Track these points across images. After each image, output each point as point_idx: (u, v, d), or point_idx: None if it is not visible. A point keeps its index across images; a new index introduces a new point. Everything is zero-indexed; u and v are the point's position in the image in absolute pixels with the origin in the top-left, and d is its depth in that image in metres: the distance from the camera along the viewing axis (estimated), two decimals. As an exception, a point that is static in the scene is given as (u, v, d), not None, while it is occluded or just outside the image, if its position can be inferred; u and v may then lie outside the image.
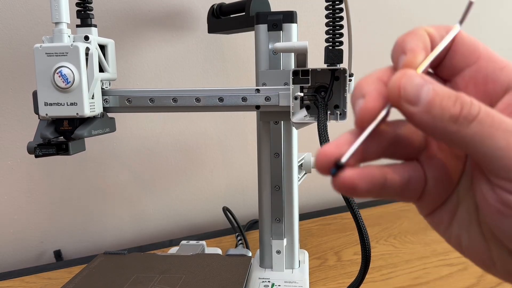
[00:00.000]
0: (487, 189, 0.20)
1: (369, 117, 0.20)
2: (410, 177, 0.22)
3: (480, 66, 0.22)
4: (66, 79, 0.46)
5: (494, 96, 0.21)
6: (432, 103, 0.19)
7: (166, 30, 0.77)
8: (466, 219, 0.23)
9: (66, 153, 0.49)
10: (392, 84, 0.20)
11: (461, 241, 0.23)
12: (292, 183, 0.56)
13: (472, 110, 0.19)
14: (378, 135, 0.21)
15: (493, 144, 0.18)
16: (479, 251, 0.22)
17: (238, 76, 0.82)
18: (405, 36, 0.22)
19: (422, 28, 0.22)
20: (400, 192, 0.22)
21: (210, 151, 0.85)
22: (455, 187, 0.23)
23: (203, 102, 0.49)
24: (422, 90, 0.19)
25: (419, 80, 0.19)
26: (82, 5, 0.50)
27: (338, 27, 0.46)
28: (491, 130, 0.18)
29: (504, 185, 0.19)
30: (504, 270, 0.22)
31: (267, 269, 0.58)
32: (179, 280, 0.52)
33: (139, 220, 0.82)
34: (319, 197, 0.94)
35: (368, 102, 0.20)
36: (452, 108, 0.19)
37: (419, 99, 0.19)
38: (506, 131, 0.18)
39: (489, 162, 0.19)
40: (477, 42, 0.22)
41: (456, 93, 0.19)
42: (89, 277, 0.54)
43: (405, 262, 0.66)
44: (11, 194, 0.72)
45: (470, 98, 0.19)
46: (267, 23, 0.50)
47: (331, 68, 0.46)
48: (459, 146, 0.20)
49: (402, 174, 0.22)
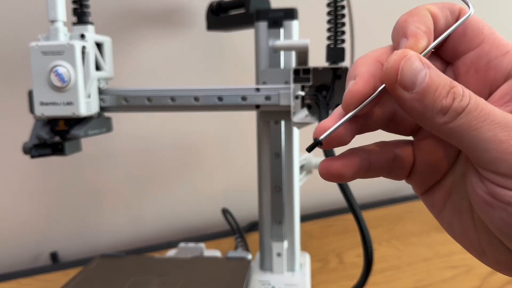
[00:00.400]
0: (476, 180, 0.20)
1: (356, 100, 0.20)
2: (395, 156, 0.22)
3: (483, 51, 0.21)
4: (62, 78, 0.46)
5: (494, 83, 0.21)
6: (427, 90, 0.18)
7: (164, 28, 0.76)
8: (458, 205, 0.22)
9: (62, 153, 0.49)
10: (390, 66, 0.19)
11: (453, 226, 0.23)
12: (292, 184, 0.55)
13: (463, 102, 0.18)
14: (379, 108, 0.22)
15: (479, 136, 0.18)
16: (470, 238, 0.22)
17: (237, 74, 0.81)
18: (407, 16, 0.21)
19: (425, 7, 0.21)
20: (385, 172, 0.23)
21: (209, 151, 0.84)
22: (446, 173, 0.23)
23: (202, 102, 0.49)
24: (419, 76, 0.18)
25: (418, 63, 0.18)
26: (78, 3, 0.49)
27: (340, 25, 0.45)
28: (477, 122, 0.18)
29: (492, 177, 0.19)
30: (494, 259, 0.22)
31: (267, 272, 0.57)
32: (177, 283, 0.51)
33: (136, 221, 0.82)
34: (320, 198, 0.93)
35: (357, 85, 0.20)
36: (445, 100, 0.18)
37: (415, 85, 0.18)
38: (493, 123, 0.18)
39: (476, 154, 0.19)
40: (482, 24, 0.21)
41: (450, 81, 0.19)
42: (86, 280, 0.53)
43: (408, 264, 0.65)
44: (6, 195, 0.72)
45: (463, 88, 0.19)
46: (268, 20, 0.49)
47: (333, 66, 0.45)
48: (445, 137, 0.19)
49: (388, 154, 0.22)
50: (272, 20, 0.49)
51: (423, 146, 0.23)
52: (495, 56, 0.21)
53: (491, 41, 0.21)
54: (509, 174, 0.18)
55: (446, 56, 0.23)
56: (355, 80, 0.20)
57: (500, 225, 0.19)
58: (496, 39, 0.21)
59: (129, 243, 0.81)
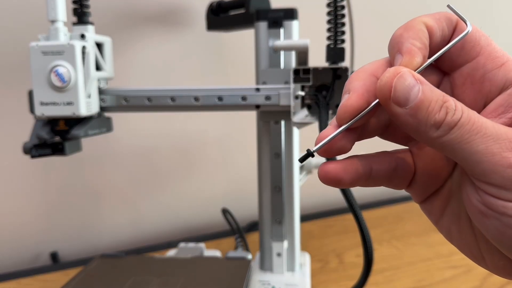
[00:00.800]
0: (471, 190, 0.20)
1: (349, 115, 0.20)
2: (397, 165, 0.22)
3: (479, 63, 0.21)
4: (62, 78, 0.46)
5: (489, 95, 0.21)
6: (420, 106, 0.19)
7: (164, 28, 0.76)
8: (457, 212, 0.23)
9: (62, 153, 0.49)
10: (384, 83, 0.19)
11: (452, 233, 0.23)
12: (292, 184, 0.55)
13: (455, 116, 0.19)
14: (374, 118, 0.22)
15: (472, 149, 0.19)
16: (469, 244, 0.23)
17: (237, 74, 0.81)
18: (402, 31, 0.21)
19: (420, 20, 0.21)
20: (386, 181, 0.23)
21: (209, 151, 0.84)
22: (445, 181, 0.23)
23: (202, 102, 0.49)
24: (412, 92, 0.19)
25: (410, 80, 0.19)
26: (78, 3, 0.49)
27: (340, 25, 0.45)
28: (470, 135, 0.19)
29: (485, 188, 0.19)
30: (492, 264, 0.22)
31: (267, 272, 0.57)
32: (177, 283, 0.51)
33: (136, 221, 0.81)
34: (320, 198, 0.93)
35: (351, 99, 0.20)
36: (437, 114, 0.19)
37: (408, 101, 0.19)
38: (485, 136, 0.19)
39: (469, 166, 0.19)
40: (479, 35, 0.22)
41: (443, 96, 0.19)
42: (86, 280, 0.53)
43: (408, 264, 0.65)
44: (6, 195, 0.72)
45: (455, 102, 0.19)
46: (268, 20, 0.49)
47: (333, 66, 0.45)
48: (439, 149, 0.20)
49: (389, 163, 0.22)
50: (272, 20, 0.49)
51: (423, 156, 0.23)
52: (490, 69, 0.21)
53: (487, 53, 0.21)
54: (502, 185, 0.19)
55: (444, 67, 0.23)
56: (349, 95, 0.20)
57: (494, 234, 0.20)
58: (492, 50, 0.21)
59: (129, 243, 0.80)
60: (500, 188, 0.19)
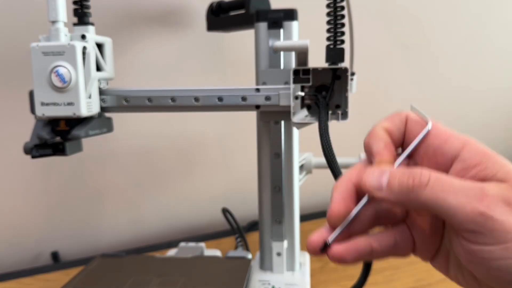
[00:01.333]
0: (456, 241, 0.24)
1: (335, 219, 0.26)
2: (396, 241, 0.27)
3: (429, 142, 0.26)
4: (63, 79, 0.46)
5: (444, 165, 0.26)
6: (392, 184, 0.24)
7: (164, 28, 0.76)
8: (457, 264, 0.26)
9: (62, 153, 0.49)
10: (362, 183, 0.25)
11: (460, 282, 0.27)
12: (292, 184, 0.55)
13: (423, 178, 0.23)
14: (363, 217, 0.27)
15: (446, 204, 0.23)
16: None
17: (237, 75, 0.81)
18: (369, 139, 0.27)
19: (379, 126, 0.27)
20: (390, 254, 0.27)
21: (209, 151, 0.84)
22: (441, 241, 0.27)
23: (202, 102, 0.49)
24: (382, 179, 0.25)
25: (377, 172, 0.25)
26: (79, 3, 0.49)
27: (340, 26, 0.45)
28: (442, 193, 0.23)
29: (466, 235, 0.23)
30: None
31: (267, 272, 0.57)
32: (178, 283, 0.51)
33: (137, 221, 0.82)
34: (320, 198, 0.93)
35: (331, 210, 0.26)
36: (406, 181, 0.24)
37: (382, 185, 0.24)
38: (454, 192, 0.23)
39: (449, 219, 0.23)
40: None
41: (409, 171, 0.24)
42: (87, 279, 0.53)
43: (408, 263, 0.65)
44: (7, 195, 0.72)
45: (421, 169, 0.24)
46: (267, 21, 0.49)
47: (332, 67, 0.45)
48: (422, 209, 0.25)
49: (389, 240, 0.27)
50: (272, 20, 0.49)
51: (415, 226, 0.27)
52: (438, 146, 0.26)
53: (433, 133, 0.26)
54: (477, 230, 0.22)
55: None
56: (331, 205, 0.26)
57: (486, 278, 0.24)
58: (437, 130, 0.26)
59: (129, 243, 0.81)
60: (476, 233, 0.22)
